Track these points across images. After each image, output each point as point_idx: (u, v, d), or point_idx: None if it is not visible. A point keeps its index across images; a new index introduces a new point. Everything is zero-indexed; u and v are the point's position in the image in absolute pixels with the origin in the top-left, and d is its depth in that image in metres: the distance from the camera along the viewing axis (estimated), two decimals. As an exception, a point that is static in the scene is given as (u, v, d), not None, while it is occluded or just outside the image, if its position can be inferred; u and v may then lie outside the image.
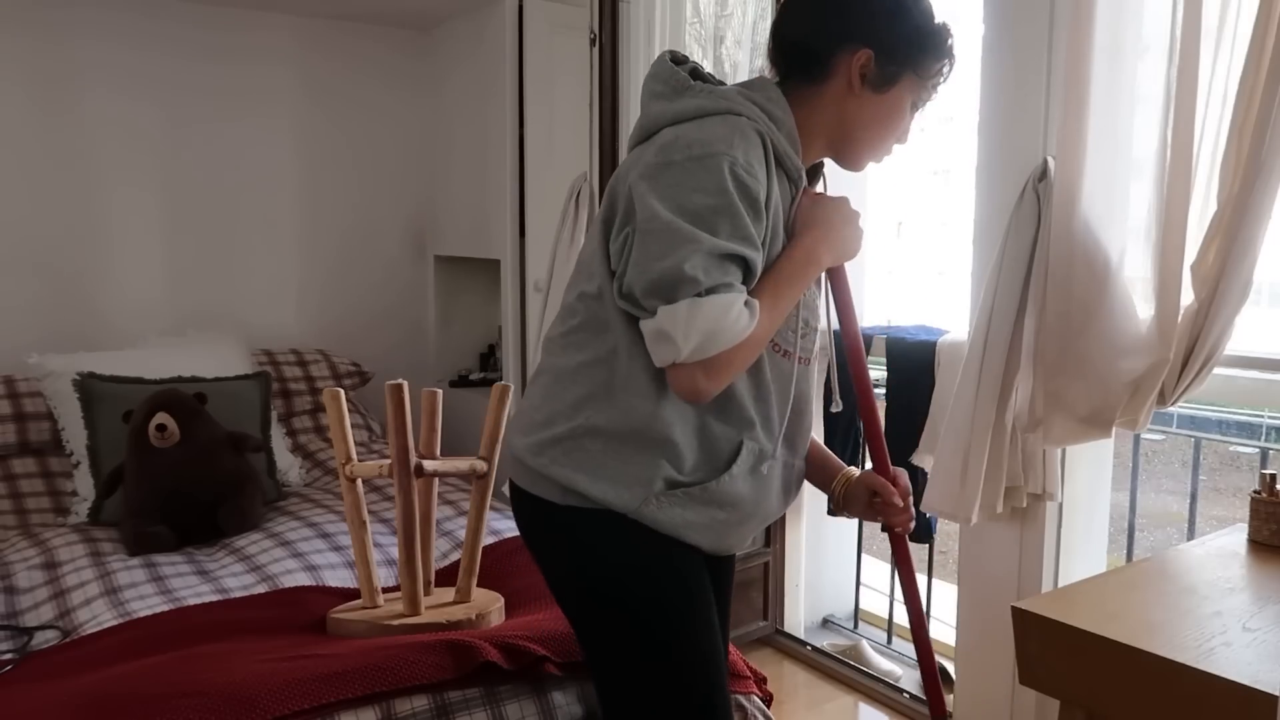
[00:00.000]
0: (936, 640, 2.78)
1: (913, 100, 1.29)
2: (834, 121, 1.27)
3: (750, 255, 1.13)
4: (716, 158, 1.12)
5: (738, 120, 1.16)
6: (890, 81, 1.25)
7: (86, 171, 3.15)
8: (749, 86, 1.25)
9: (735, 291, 1.12)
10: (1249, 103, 1.59)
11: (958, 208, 17.00)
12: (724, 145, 1.13)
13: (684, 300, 1.10)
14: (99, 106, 3.15)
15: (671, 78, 1.23)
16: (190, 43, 3.27)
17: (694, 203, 1.11)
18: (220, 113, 3.36)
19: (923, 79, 1.27)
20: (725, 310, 1.10)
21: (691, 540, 1.26)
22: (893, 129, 1.30)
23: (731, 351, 1.13)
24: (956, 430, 2.04)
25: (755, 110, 1.19)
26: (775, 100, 1.23)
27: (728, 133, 1.14)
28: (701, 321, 1.10)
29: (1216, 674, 1.20)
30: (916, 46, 1.25)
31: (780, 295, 1.19)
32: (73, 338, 3.06)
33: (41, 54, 3.04)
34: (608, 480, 1.21)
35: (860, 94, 1.24)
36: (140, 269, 3.27)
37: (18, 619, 2.02)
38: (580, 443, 1.22)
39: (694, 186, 1.12)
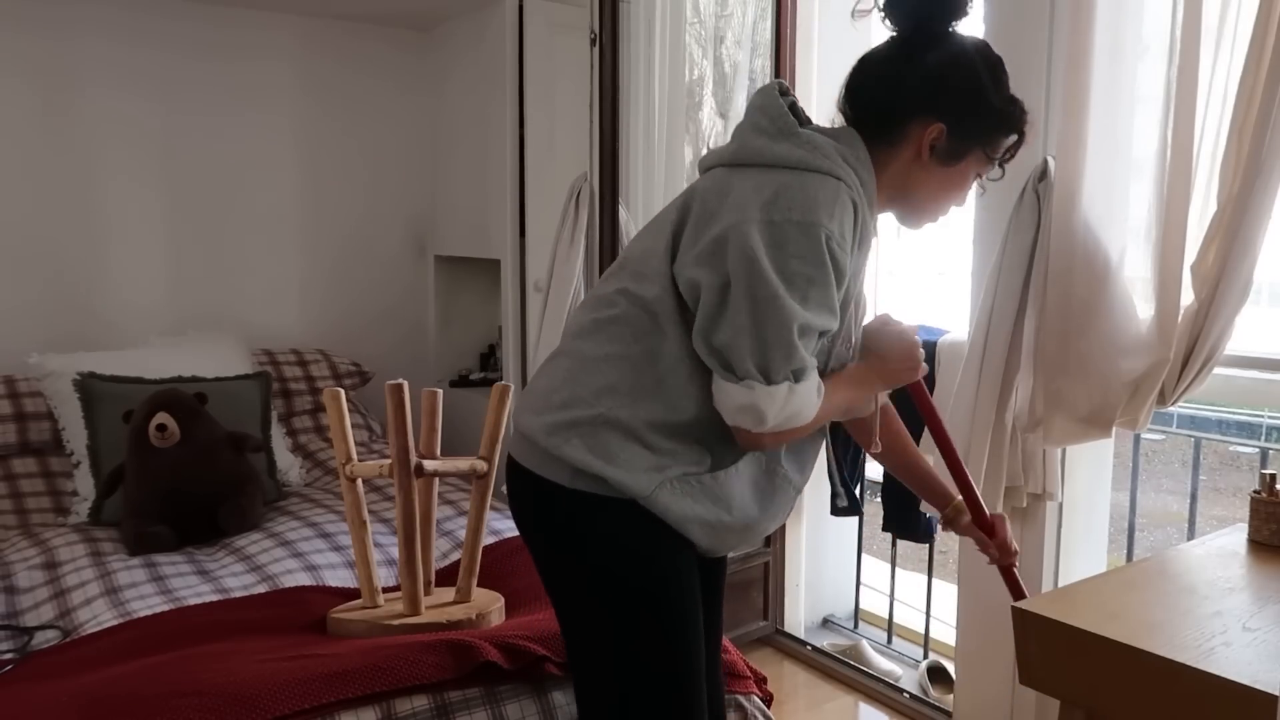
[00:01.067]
0: (937, 640, 2.79)
1: (977, 171, 1.31)
2: (898, 184, 1.29)
3: (832, 327, 1.21)
4: (818, 228, 1.14)
5: (838, 186, 1.18)
6: (958, 156, 1.27)
7: (87, 171, 3.15)
8: (839, 139, 1.26)
9: (814, 372, 1.20)
10: (1249, 103, 1.59)
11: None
12: (825, 215, 1.15)
13: (784, 384, 1.17)
14: (100, 106, 3.15)
15: (780, 118, 1.24)
16: (191, 42, 3.27)
17: (792, 269, 1.14)
18: (221, 112, 3.36)
19: (990, 156, 1.30)
20: (810, 397, 1.20)
21: (692, 536, 1.27)
22: (954, 197, 1.33)
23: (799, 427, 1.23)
24: (956, 430, 2.04)
25: (850, 174, 1.21)
26: (864, 161, 1.25)
27: (828, 200, 1.16)
28: (792, 406, 1.18)
29: (1216, 674, 1.20)
30: (989, 126, 1.27)
31: (837, 393, 1.28)
32: (73, 337, 3.06)
33: (43, 53, 3.04)
34: (623, 467, 1.22)
35: (928, 164, 1.27)
36: (141, 269, 3.27)
37: (18, 619, 2.02)
38: (598, 430, 1.23)
39: (794, 253, 1.15)
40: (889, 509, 2.63)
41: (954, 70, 1.25)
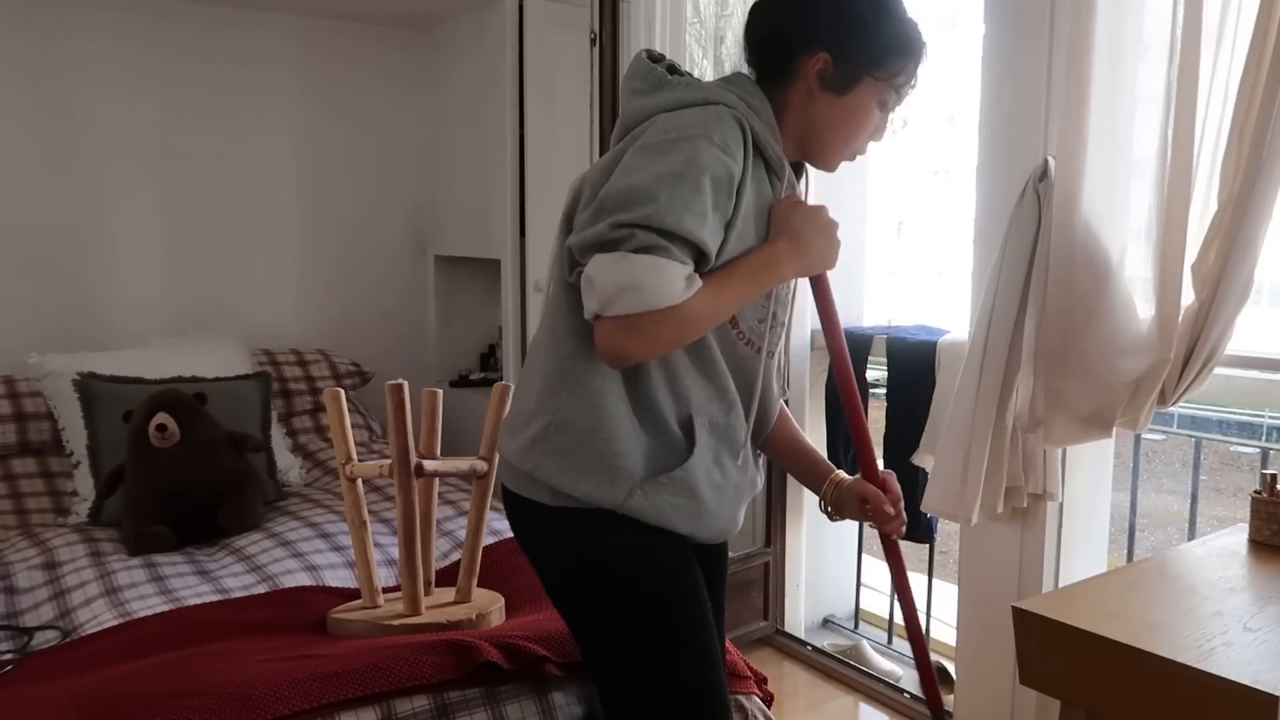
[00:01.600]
0: (937, 640, 2.78)
1: (880, 101, 1.27)
2: (800, 122, 1.27)
3: (700, 235, 1.11)
4: (692, 139, 1.12)
5: (716, 108, 1.16)
6: (849, 85, 1.24)
7: (86, 171, 3.15)
8: (727, 81, 1.26)
9: (675, 260, 1.10)
10: (1249, 103, 1.59)
11: (958, 208, 17.03)
12: (700, 129, 1.13)
13: (618, 252, 1.09)
14: (99, 106, 3.15)
15: (650, 74, 1.23)
16: (190, 42, 3.27)
17: (655, 169, 1.11)
18: (220, 112, 3.36)
19: (884, 82, 1.25)
20: (657, 270, 1.09)
21: (680, 528, 1.26)
22: (858, 130, 1.28)
23: (658, 316, 1.10)
24: (957, 430, 2.04)
25: (733, 98, 1.19)
26: (753, 93, 1.24)
27: (704, 118, 1.14)
28: (627, 274, 1.08)
29: (1217, 674, 1.20)
30: (875, 51, 1.24)
31: (728, 287, 1.17)
32: (73, 338, 3.06)
33: (41, 53, 3.04)
34: (590, 476, 1.21)
35: (821, 97, 1.24)
36: (140, 269, 3.27)
37: (18, 619, 2.02)
38: (555, 441, 1.22)
39: (665, 152, 1.12)
40: (889, 509, 2.62)
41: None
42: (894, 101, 1.28)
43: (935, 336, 2.49)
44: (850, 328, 2.85)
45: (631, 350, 1.14)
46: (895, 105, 1.29)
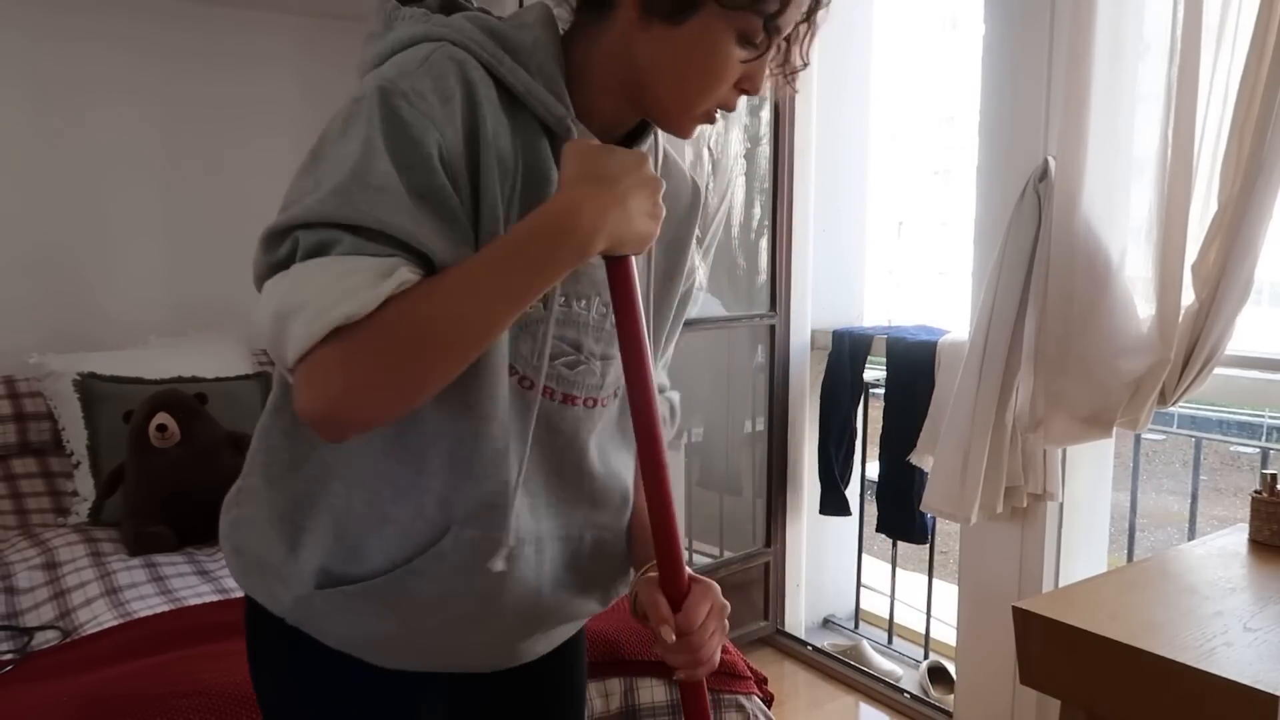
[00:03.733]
0: (937, 640, 2.79)
1: (740, 33, 0.83)
2: (625, 65, 0.86)
3: (394, 219, 0.74)
4: (368, 97, 0.77)
5: (421, 49, 0.81)
6: (685, 7, 0.82)
7: (87, 171, 3.15)
8: (482, 12, 0.88)
9: (355, 254, 0.73)
10: (1249, 103, 1.59)
11: (958, 208, 17.03)
12: (382, 79, 0.77)
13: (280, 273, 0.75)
14: (100, 108, 3.14)
15: (381, 9, 0.88)
16: (191, 43, 3.27)
17: (326, 150, 0.77)
18: (221, 113, 3.36)
19: (735, 4, 0.82)
20: (325, 270, 0.72)
21: (385, 663, 0.92)
22: (708, 75, 0.85)
23: (350, 342, 0.71)
24: (956, 430, 2.04)
25: (465, 31, 0.82)
26: (526, 26, 0.86)
27: (399, 66, 0.79)
28: (288, 292, 0.73)
29: (1217, 674, 1.20)
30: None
31: (482, 268, 0.76)
32: (73, 338, 3.05)
33: (42, 55, 3.04)
34: (258, 568, 0.92)
35: (649, 28, 0.84)
36: (141, 269, 3.27)
37: (18, 619, 2.02)
38: (243, 511, 0.97)
39: (338, 137, 0.77)
40: (884, 510, 2.63)
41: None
42: (764, 34, 0.84)
43: (935, 336, 2.50)
44: (850, 328, 2.86)
45: (330, 407, 0.73)
46: (772, 40, 0.86)
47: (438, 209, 0.76)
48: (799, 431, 2.93)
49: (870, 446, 2.94)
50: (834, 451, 2.81)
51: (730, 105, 0.89)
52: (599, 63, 0.88)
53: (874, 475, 2.77)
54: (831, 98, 2.88)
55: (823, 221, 2.92)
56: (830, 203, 2.93)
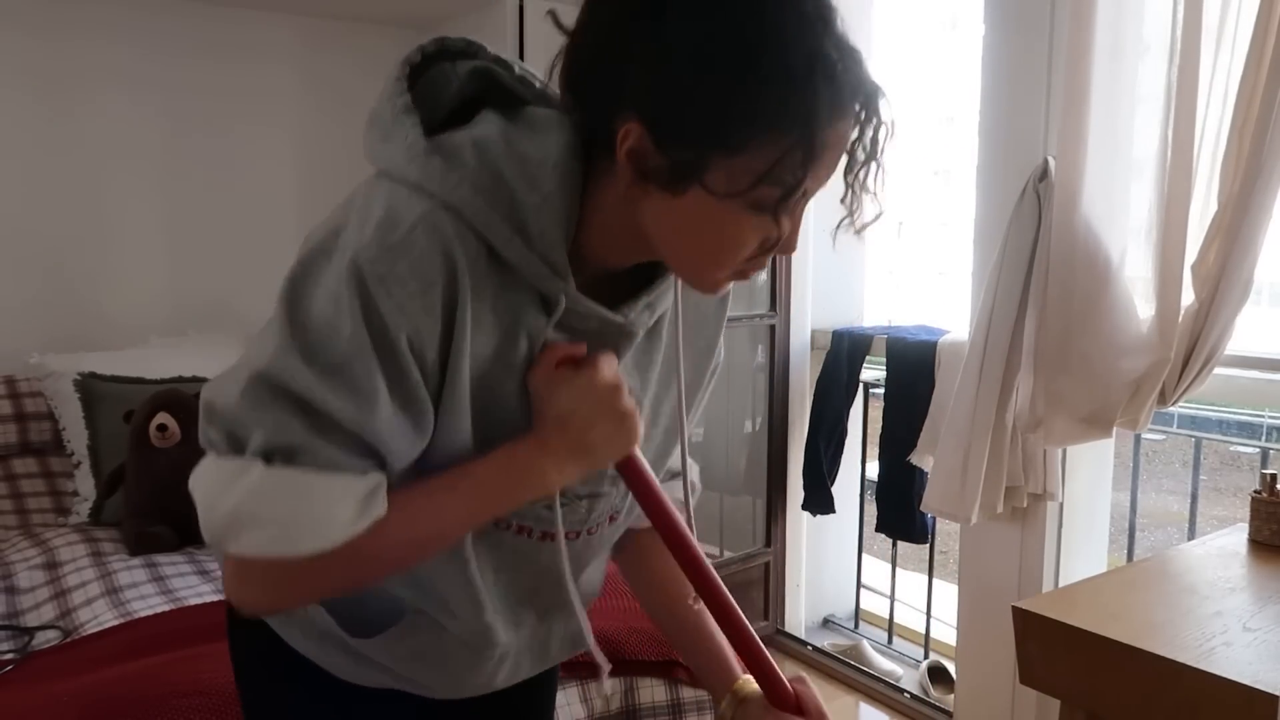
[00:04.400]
0: (937, 640, 2.79)
1: (753, 203, 0.69)
2: (632, 219, 0.75)
3: (347, 417, 0.68)
4: (338, 262, 0.69)
5: (421, 212, 0.70)
6: (684, 176, 0.68)
7: (88, 171, 3.15)
8: (510, 136, 0.73)
9: (337, 472, 0.69)
10: (1249, 103, 1.59)
11: (958, 208, 17.11)
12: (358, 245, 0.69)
13: (238, 458, 0.69)
14: (100, 106, 3.14)
15: (390, 101, 0.76)
16: (192, 42, 3.27)
17: (291, 306, 0.70)
18: (222, 113, 3.36)
19: (752, 181, 0.67)
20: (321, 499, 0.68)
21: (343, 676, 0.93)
22: (717, 249, 0.73)
23: (303, 565, 0.69)
24: (957, 430, 2.04)
25: (470, 198, 0.70)
26: (537, 182, 0.72)
27: (390, 219, 0.70)
28: (269, 504, 0.68)
29: (1217, 674, 1.20)
30: (722, 113, 0.66)
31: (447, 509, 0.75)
32: (74, 338, 3.05)
33: (42, 53, 3.04)
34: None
35: (648, 193, 0.71)
36: (141, 269, 3.27)
37: (19, 619, 2.02)
38: None
39: (301, 293, 0.71)
40: (884, 510, 2.63)
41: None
42: (788, 200, 0.70)
43: (935, 336, 2.50)
44: (850, 328, 2.86)
45: (251, 603, 0.74)
46: (795, 203, 0.71)
47: (408, 408, 0.71)
48: (799, 432, 2.93)
49: (870, 446, 2.94)
50: (823, 448, 2.81)
51: (760, 265, 0.77)
52: (609, 208, 0.75)
53: (874, 475, 2.77)
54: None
55: (823, 221, 2.92)
56: (829, 203, 2.92)
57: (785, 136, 0.66)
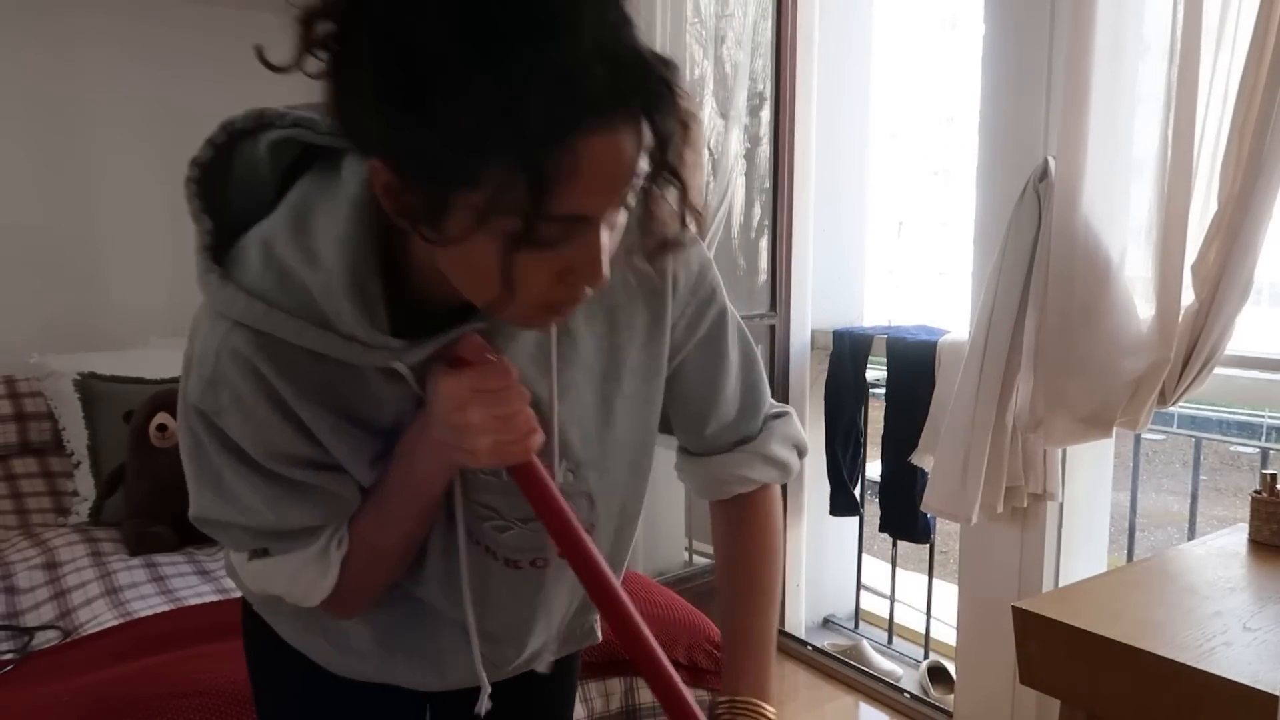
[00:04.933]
0: (937, 640, 2.78)
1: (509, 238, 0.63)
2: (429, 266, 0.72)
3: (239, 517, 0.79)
4: (186, 399, 0.76)
5: (219, 338, 0.73)
6: (434, 213, 0.64)
7: (87, 171, 3.15)
8: (302, 212, 0.72)
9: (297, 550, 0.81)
10: (1249, 103, 1.59)
11: (958, 208, 17.05)
12: (195, 394, 0.75)
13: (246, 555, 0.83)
14: (100, 106, 3.15)
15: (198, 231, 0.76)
16: (193, 43, 3.27)
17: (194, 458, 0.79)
18: (224, 113, 3.36)
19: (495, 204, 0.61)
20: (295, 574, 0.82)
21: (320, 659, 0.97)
22: (493, 288, 0.66)
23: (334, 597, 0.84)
24: (957, 430, 2.04)
25: (255, 311, 0.72)
26: (317, 256, 0.71)
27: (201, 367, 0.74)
28: (270, 583, 0.84)
29: (1217, 674, 1.20)
30: (446, 140, 0.60)
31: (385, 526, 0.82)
32: (73, 338, 3.06)
33: (40, 52, 3.04)
34: None
35: (420, 231, 0.66)
36: (141, 269, 3.27)
37: (18, 619, 2.02)
38: None
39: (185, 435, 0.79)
40: (887, 509, 2.63)
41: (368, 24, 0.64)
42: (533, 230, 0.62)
43: (935, 336, 2.50)
44: (850, 328, 2.86)
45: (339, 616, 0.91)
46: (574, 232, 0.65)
47: (303, 495, 0.79)
48: (799, 431, 2.92)
49: (871, 447, 2.94)
50: (840, 452, 2.81)
51: (571, 299, 0.70)
52: (424, 251, 0.70)
53: (875, 475, 2.77)
54: (831, 98, 2.88)
55: (823, 221, 2.92)
56: (830, 203, 2.93)
57: (506, 166, 0.59)
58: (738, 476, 0.98)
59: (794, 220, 2.85)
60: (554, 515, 0.79)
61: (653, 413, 0.92)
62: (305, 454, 0.78)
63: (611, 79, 0.60)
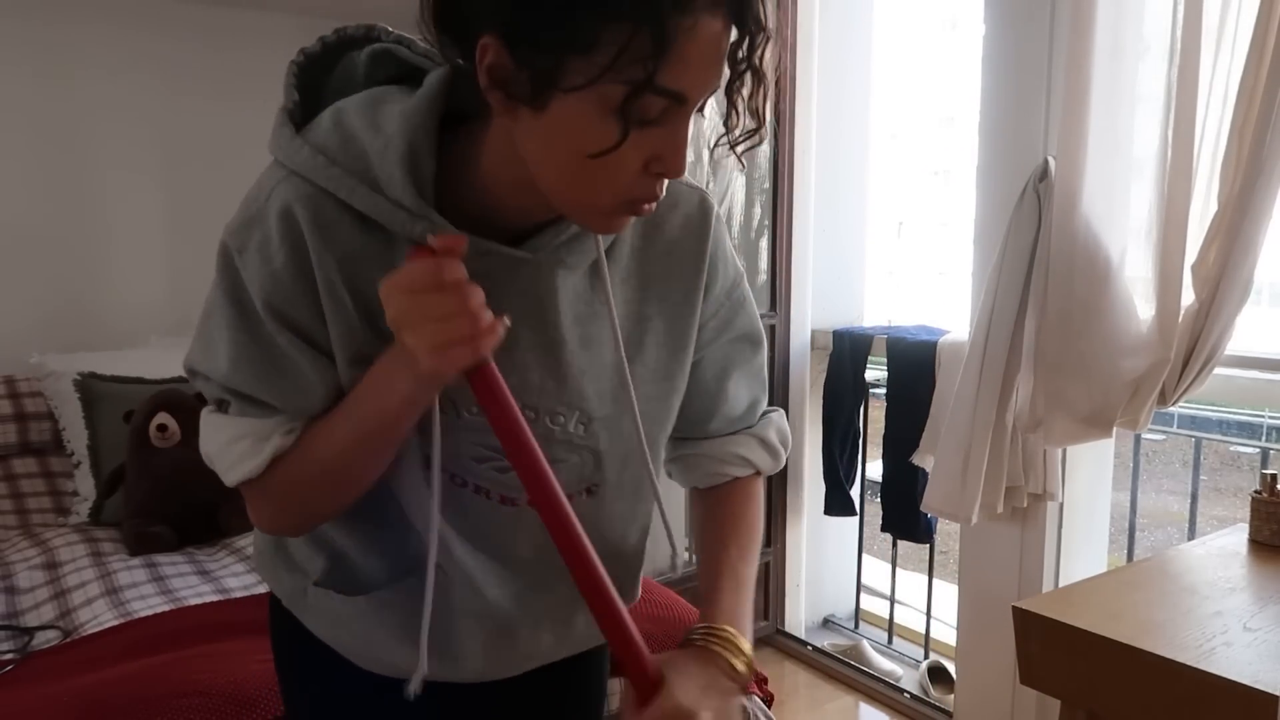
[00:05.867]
0: (937, 640, 2.78)
1: (613, 109, 0.66)
2: (512, 163, 0.74)
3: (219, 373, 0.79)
4: (222, 247, 0.79)
5: (269, 186, 0.77)
6: (543, 83, 0.66)
7: (87, 171, 3.15)
8: (379, 96, 0.79)
9: (230, 415, 0.81)
10: (1249, 103, 1.59)
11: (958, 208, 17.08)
12: (236, 220, 0.79)
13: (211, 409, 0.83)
14: (100, 106, 3.15)
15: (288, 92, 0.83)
16: (193, 43, 3.27)
17: (208, 304, 0.81)
18: (222, 112, 3.36)
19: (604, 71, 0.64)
20: (233, 439, 0.81)
21: (348, 652, 0.95)
22: (585, 165, 0.69)
23: (267, 490, 0.82)
24: (957, 430, 2.04)
25: (309, 159, 0.75)
26: (379, 127, 0.76)
27: (249, 199, 0.79)
28: (209, 441, 0.83)
29: (1217, 674, 1.20)
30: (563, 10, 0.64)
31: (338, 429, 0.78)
32: (74, 338, 3.06)
33: (41, 52, 3.04)
34: (274, 546, 0.97)
35: (518, 117, 0.70)
36: (142, 269, 3.27)
37: (19, 619, 2.02)
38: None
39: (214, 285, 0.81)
40: (888, 509, 2.63)
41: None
42: (638, 96, 0.66)
43: (935, 336, 2.50)
44: (850, 328, 2.86)
45: (264, 527, 0.89)
46: (670, 110, 0.68)
47: (275, 366, 0.78)
48: (799, 432, 2.93)
49: (871, 447, 2.94)
50: (838, 452, 2.82)
51: (649, 194, 0.72)
52: (489, 156, 0.75)
53: (875, 475, 2.78)
54: (831, 98, 2.88)
55: (823, 221, 2.92)
56: (830, 203, 2.93)
57: (632, 26, 0.63)
58: (737, 457, 0.98)
59: (794, 220, 2.85)
60: (508, 423, 0.73)
61: (673, 390, 0.91)
62: (302, 320, 0.77)
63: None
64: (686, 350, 0.91)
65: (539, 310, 0.81)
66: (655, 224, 0.87)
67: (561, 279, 0.81)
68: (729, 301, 0.94)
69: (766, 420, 1.02)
